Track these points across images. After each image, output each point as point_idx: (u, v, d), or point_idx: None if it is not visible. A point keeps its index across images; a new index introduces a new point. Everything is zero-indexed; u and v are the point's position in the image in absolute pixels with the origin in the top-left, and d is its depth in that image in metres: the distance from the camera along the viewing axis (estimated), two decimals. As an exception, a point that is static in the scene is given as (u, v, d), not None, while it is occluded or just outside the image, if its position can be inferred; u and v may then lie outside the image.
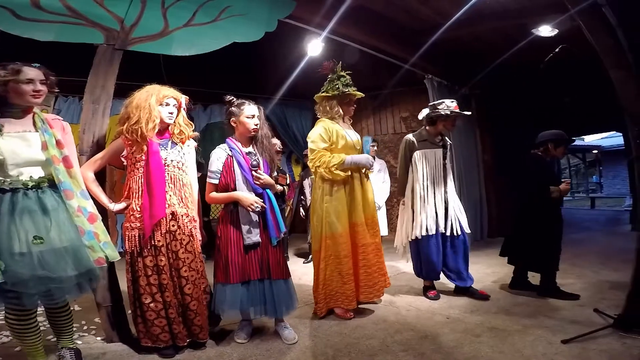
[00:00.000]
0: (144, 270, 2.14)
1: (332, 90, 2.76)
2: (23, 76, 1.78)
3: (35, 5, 2.22)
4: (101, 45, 2.45)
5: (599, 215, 8.64)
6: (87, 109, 2.41)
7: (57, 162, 1.86)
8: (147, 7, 2.55)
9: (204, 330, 2.28)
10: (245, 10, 2.92)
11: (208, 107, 6.08)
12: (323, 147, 2.68)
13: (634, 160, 2.36)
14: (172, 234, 2.20)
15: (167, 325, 2.18)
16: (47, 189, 1.85)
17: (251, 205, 2.29)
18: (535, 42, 3.97)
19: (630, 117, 2.30)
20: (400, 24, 4.38)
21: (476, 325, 2.52)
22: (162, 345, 2.18)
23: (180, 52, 2.72)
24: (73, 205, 1.87)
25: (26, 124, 1.87)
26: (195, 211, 2.38)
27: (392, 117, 6.25)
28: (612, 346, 2.09)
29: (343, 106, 2.80)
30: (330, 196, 2.71)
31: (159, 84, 2.30)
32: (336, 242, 2.68)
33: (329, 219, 2.68)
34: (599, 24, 2.33)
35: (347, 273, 2.67)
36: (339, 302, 2.69)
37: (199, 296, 2.27)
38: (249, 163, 2.37)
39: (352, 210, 2.75)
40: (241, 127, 2.39)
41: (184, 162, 2.33)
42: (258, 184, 2.35)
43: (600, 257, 4.19)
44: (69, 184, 1.88)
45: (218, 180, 2.36)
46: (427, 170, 3.06)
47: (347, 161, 2.67)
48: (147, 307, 2.14)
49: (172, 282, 2.19)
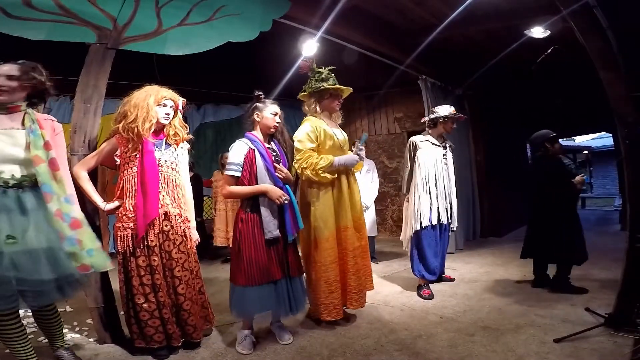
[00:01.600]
0: (137, 270, 2.13)
1: (308, 88, 2.64)
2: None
3: (26, 4, 2.19)
4: (93, 44, 2.43)
5: (589, 214, 8.73)
6: (79, 109, 2.38)
7: (39, 163, 1.81)
8: (141, 6, 2.53)
9: (197, 331, 2.28)
10: (239, 10, 2.91)
11: (201, 107, 6.05)
12: (310, 148, 2.52)
13: (623, 161, 2.40)
14: (165, 234, 2.19)
15: (161, 325, 2.16)
16: (28, 189, 1.81)
17: (279, 198, 2.24)
18: (527, 43, 4.00)
19: (619, 118, 2.33)
20: (395, 25, 4.40)
21: (469, 324, 2.54)
22: (156, 345, 2.17)
23: (173, 51, 2.70)
24: (51, 209, 1.80)
25: (14, 121, 1.84)
26: (188, 212, 2.37)
27: (386, 118, 6.27)
28: (603, 345, 2.11)
29: (323, 102, 2.64)
30: (317, 199, 2.58)
31: (155, 84, 2.30)
32: (322, 247, 2.53)
33: (316, 223, 2.55)
34: (590, 26, 2.36)
35: (334, 280, 2.54)
36: (324, 315, 2.54)
37: (192, 296, 2.26)
38: (271, 156, 2.34)
39: (339, 213, 2.61)
40: (263, 121, 2.37)
41: (177, 163, 2.33)
42: (280, 177, 2.32)
43: (590, 257, 4.21)
44: (49, 186, 1.82)
45: (240, 172, 2.29)
46: (429, 168, 3.26)
47: (335, 163, 2.53)
48: (141, 308, 2.12)
49: (166, 282, 2.18)
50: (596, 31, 2.35)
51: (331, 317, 2.54)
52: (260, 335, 2.48)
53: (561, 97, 6.42)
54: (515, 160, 6.83)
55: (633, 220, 2.33)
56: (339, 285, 2.57)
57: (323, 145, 2.58)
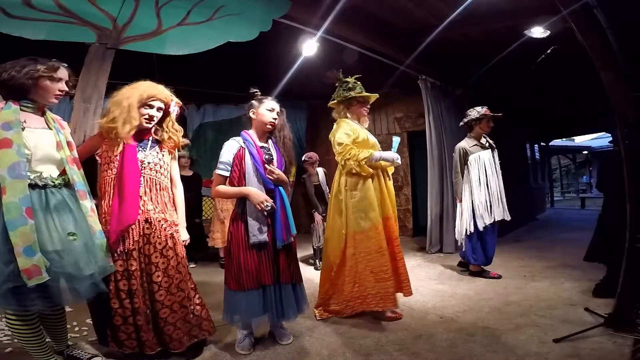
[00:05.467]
0: (113, 274, 1.99)
1: (337, 97, 2.84)
2: (57, 74, 1.76)
3: (26, 4, 2.19)
4: (93, 44, 2.43)
5: (589, 215, 8.72)
6: (78, 108, 2.39)
7: (72, 163, 1.86)
8: (141, 5, 2.53)
9: (174, 341, 2.07)
10: (239, 10, 2.91)
11: (201, 107, 6.04)
12: (349, 142, 2.68)
13: (623, 161, 2.39)
14: (145, 237, 2.05)
15: (134, 332, 2.03)
16: (64, 188, 1.84)
17: (260, 204, 2.12)
18: (527, 43, 4.00)
19: (619, 118, 2.33)
20: (395, 25, 4.39)
21: (469, 324, 2.54)
22: (127, 351, 2.04)
23: (173, 51, 2.71)
24: (87, 206, 1.87)
25: (41, 122, 1.83)
26: (178, 214, 2.25)
27: (386, 118, 6.27)
28: (602, 345, 2.11)
29: (352, 109, 2.83)
30: (356, 191, 2.68)
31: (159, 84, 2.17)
32: (366, 237, 2.63)
33: (357, 214, 2.65)
34: (590, 26, 2.36)
35: (380, 270, 2.60)
36: (372, 305, 2.59)
37: (172, 304, 2.07)
38: (262, 156, 2.25)
39: (382, 203, 2.72)
40: (259, 118, 2.31)
41: (162, 165, 2.17)
42: (271, 178, 2.23)
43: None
44: (82, 184, 1.89)
45: (228, 172, 2.22)
46: (480, 170, 3.60)
47: (375, 156, 2.66)
48: (115, 312, 2.01)
49: (142, 288, 2.03)
50: (596, 31, 2.35)
51: (379, 307, 2.60)
52: (261, 336, 2.47)
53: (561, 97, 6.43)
54: (514, 160, 6.83)
55: (633, 221, 2.33)
56: (391, 274, 2.63)
57: (359, 142, 2.72)
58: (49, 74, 1.73)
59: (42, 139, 1.77)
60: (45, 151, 1.78)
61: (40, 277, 1.59)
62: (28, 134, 1.72)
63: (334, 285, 2.75)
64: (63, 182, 1.84)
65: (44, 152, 1.77)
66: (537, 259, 4.24)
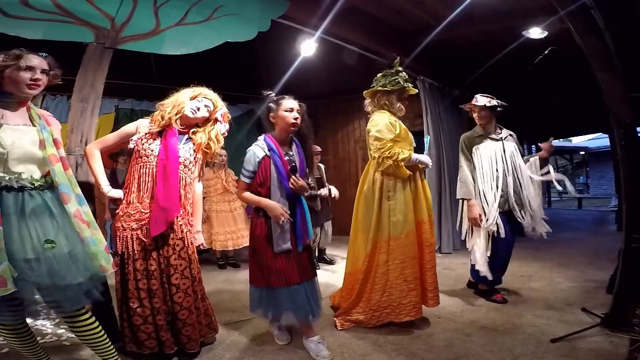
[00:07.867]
0: (133, 274, 2.04)
1: (390, 85, 2.64)
2: (23, 63, 1.62)
3: (23, 3, 2.18)
4: (91, 44, 2.42)
5: (585, 215, 8.77)
6: (76, 108, 2.38)
7: (55, 162, 1.69)
8: (139, 5, 2.52)
9: (192, 342, 2.13)
10: (238, 10, 2.91)
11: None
12: (389, 138, 2.49)
13: (620, 162, 2.41)
14: (164, 238, 2.08)
15: (154, 332, 2.07)
16: (47, 190, 1.69)
17: (277, 218, 2.14)
18: (525, 44, 4.02)
19: (615, 119, 2.34)
20: (393, 26, 4.40)
21: (467, 324, 2.54)
22: (147, 351, 2.07)
23: (171, 51, 2.70)
24: (70, 210, 1.69)
25: (22, 117, 1.68)
26: (195, 216, 2.27)
27: (385, 118, 6.26)
28: (599, 345, 2.12)
29: (401, 102, 2.69)
30: (394, 193, 2.50)
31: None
32: (402, 243, 2.44)
33: (394, 218, 2.46)
34: (587, 27, 2.37)
35: (414, 277, 2.44)
36: (401, 316, 2.43)
37: (190, 306, 2.12)
38: (287, 167, 2.21)
39: (417, 206, 2.54)
40: (280, 122, 2.24)
41: (191, 161, 2.21)
42: (293, 188, 2.20)
43: (587, 257, 4.26)
44: (66, 186, 1.71)
45: (250, 180, 2.23)
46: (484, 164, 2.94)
47: (413, 158, 2.49)
48: (134, 312, 2.04)
49: (162, 289, 2.08)
50: (593, 32, 2.36)
51: (410, 316, 2.43)
52: (258, 336, 2.47)
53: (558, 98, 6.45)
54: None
55: (629, 221, 2.34)
56: (418, 283, 2.49)
57: (400, 139, 2.55)
58: (11, 62, 1.61)
59: (21, 137, 1.62)
60: (25, 150, 1.62)
61: (5, 288, 1.44)
62: (4, 131, 1.58)
63: (360, 293, 2.56)
64: (45, 184, 1.68)
65: (23, 151, 1.62)
66: (533, 259, 4.25)
